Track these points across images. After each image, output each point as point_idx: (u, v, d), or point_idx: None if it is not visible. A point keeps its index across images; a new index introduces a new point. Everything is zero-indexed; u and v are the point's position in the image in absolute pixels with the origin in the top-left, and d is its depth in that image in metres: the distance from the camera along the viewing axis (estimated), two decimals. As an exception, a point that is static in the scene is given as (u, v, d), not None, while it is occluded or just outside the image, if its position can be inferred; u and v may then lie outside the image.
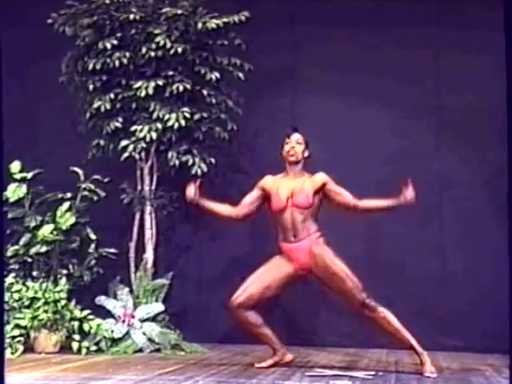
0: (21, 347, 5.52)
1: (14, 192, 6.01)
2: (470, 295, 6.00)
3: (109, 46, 5.74)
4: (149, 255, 6.09)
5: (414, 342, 4.73)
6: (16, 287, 5.73)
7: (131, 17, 5.75)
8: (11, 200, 6.02)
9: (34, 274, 5.95)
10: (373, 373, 4.64)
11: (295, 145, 4.96)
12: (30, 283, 5.82)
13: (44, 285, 5.80)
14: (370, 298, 4.74)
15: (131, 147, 5.84)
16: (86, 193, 6.11)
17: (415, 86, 6.21)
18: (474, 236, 6.12)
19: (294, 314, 6.33)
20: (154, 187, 6.12)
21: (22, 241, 5.99)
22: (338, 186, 4.89)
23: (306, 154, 5.00)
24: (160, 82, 5.77)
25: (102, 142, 5.98)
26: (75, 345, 5.62)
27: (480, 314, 5.94)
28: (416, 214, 6.23)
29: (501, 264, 5.95)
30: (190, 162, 5.88)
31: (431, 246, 6.18)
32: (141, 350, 5.70)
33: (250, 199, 5.06)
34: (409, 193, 4.73)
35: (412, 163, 6.17)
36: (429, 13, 6.23)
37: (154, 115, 5.80)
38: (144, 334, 5.77)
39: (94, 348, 5.65)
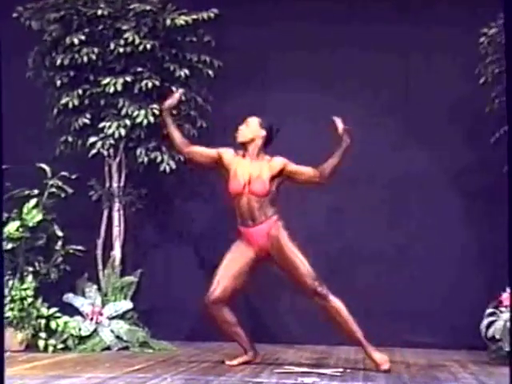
0: (-14, 345, 5.46)
1: (-21, 188, 5.93)
2: (437, 292, 6.04)
3: (76, 41, 5.69)
4: (116, 252, 6.06)
5: (360, 335, 4.73)
6: (-19, 285, 5.66)
7: (99, 12, 5.70)
8: (-24, 196, 5.94)
9: (0, 271, 5.88)
10: (341, 370, 4.67)
11: (242, 126, 5.01)
12: (-5, 281, 5.76)
13: (10, 282, 5.73)
14: (322, 287, 4.74)
15: (99, 144, 5.81)
16: (53, 189, 6.04)
17: (384, 84, 6.25)
18: (440, 233, 6.17)
19: (261, 312, 6.34)
20: (122, 184, 6.08)
21: (-12, 238, 5.93)
22: (298, 166, 4.91)
23: (259, 138, 4.96)
24: (129, 79, 5.74)
25: (69, 139, 5.92)
26: (41, 343, 5.57)
27: (446, 311, 5.99)
28: (384, 212, 6.29)
29: (467, 261, 6.05)
30: (159, 159, 5.86)
31: (398, 244, 6.22)
32: (109, 348, 5.67)
33: (204, 152, 5.03)
34: (340, 130, 4.86)
35: (379, 161, 6.21)
36: (398, 10, 6.27)
37: (123, 112, 5.77)
38: (112, 331, 5.73)
39: (60, 346, 5.60)
